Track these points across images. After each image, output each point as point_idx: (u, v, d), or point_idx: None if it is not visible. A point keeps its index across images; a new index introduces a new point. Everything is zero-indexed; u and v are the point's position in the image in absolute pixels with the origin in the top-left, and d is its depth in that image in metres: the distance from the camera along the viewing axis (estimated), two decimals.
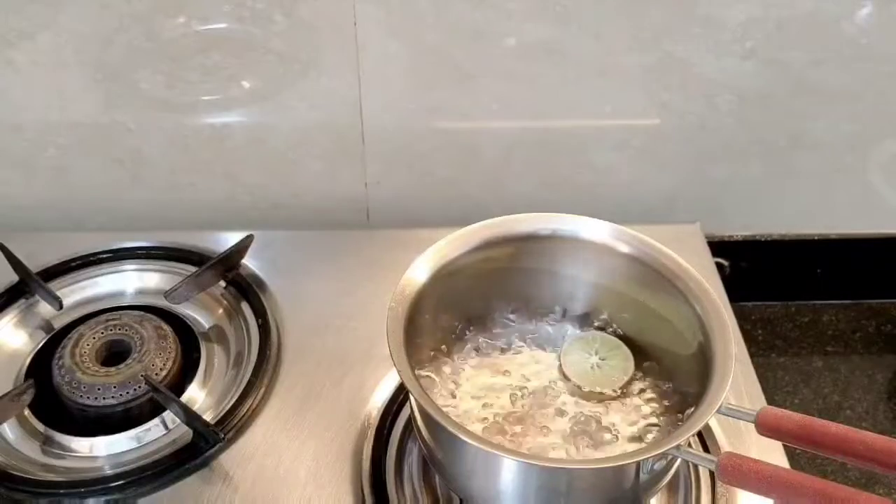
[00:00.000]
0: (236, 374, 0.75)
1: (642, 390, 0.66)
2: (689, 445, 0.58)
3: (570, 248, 0.69)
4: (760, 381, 0.75)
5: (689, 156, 0.93)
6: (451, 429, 0.54)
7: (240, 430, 0.70)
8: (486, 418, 0.64)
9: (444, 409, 0.62)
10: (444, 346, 0.68)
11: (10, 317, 0.80)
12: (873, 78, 0.87)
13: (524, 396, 0.65)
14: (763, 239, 0.98)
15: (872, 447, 0.52)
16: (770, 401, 0.74)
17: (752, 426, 0.56)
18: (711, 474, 0.66)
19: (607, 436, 0.63)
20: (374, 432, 0.69)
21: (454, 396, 0.65)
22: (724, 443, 0.69)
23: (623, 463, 0.56)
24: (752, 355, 0.78)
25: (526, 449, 0.61)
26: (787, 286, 1.00)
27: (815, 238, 0.98)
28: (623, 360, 0.67)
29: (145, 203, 0.94)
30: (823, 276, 1.00)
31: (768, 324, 0.98)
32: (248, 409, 0.71)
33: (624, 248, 0.67)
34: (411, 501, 0.65)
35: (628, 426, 0.64)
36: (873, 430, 0.54)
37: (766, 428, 0.55)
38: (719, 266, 0.92)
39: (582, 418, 0.64)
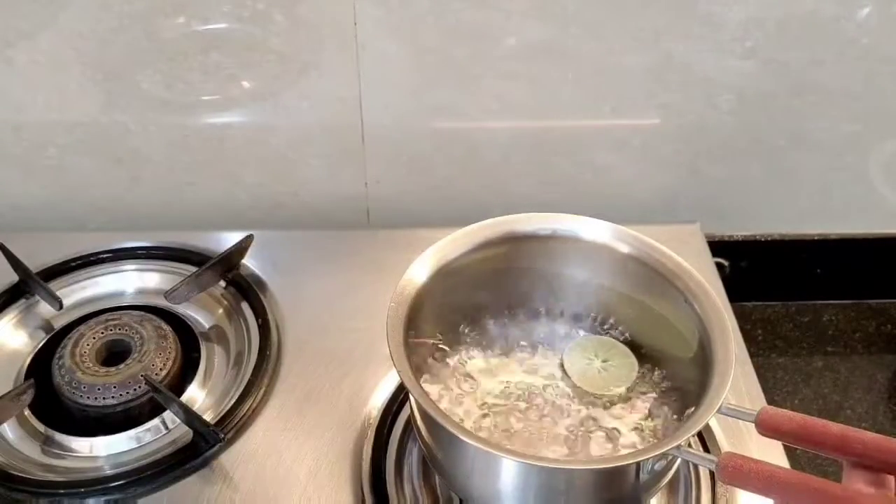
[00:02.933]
0: (236, 374, 0.75)
1: (642, 391, 0.66)
2: (689, 445, 0.58)
3: (570, 248, 0.69)
4: (760, 381, 0.75)
5: (689, 156, 0.93)
6: (450, 429, 0.54)
7: (240, 430, 0.70)
8: (486, 415, 0.64)
9: (444, 409, 0.63)
10: (444, 346, 0.68)
11: (10, 317, 0.80)
12: (873, 78, 0.87)
13: (524, 396, 0.65)
14: (763, 239, 0.98)
15: (873, 447, 0.52)
16: (770, 401, 0.74)
17: (751, 426, 0.56)
18: (711, 474, 0.66)
19: (607, 435, 0.63)
20: (373, 432, 0.69)
21: (454, 396, 0.65)
22: (724, 442, 0.69)
23: (623, 463, 0.56)
24: (752, 355, 0.77)
25: (526, 448, 0.61)
26: (787, 286, 1.00)
27: (815, 238, 0.98)
28: (625, 358, 0.68)
29: (145, 203, 0.94)
30: (823, 276, 1.00)
31: (768, 324, 0.98)
32: (248, 409, 0.71)
33: (624, 248, 0.67)
34: (411, 501, 0.65)
35: (628, 425, 0.64)
36: (873, 430, 0.54)
37: (767, 428, 0.55)
38: (719, 266, 0.92)
39: (582, 417, 0.64)
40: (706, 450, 0.68)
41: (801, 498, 0.50)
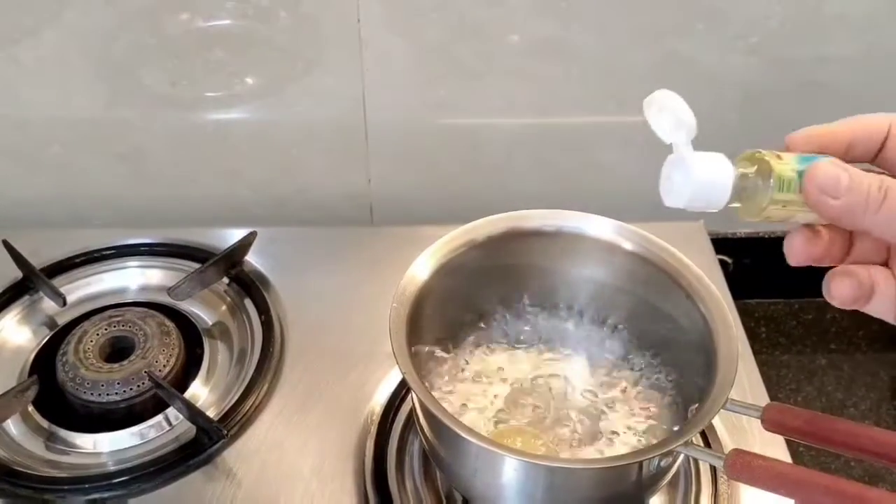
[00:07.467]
0: (239, 370, 0.75)
1: (646, 387, 0.66)
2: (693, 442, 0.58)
3: (573, 245, 0.68)
4: (764, 379, 0.75)
5: None
6: (455, 428, 0.54)
7: (243, 427, 0.70)
8: (488, 416, 0.63)
9: (447, 407, 0.62)
10: (447, 344, 0.68)
11: (14, 313, 0.80)
12: (877, 75, 0.87)
13: (527, 393, 0.65)
14: (767, 236, 0.98)
15: (880, 442, 0.51)
16: (773, 398, 0.74)
17: (754, 424, 0.56)
18: (713, 472, 0.66)
19: (612, 431, 0.63)
20: (376, 428, 0.69)
21: (457, 393, 0.65)
22: (727, 439, 0.69)
23: (630, 462, 0.56)
24: (755, 353, 0.77)
25: (529, 446, 0.61)
26: (791, 283, 1.00)
27: None
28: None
29: (149, 199, 0.94)
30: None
31: (772, 321, 0.98)
32: (251, 406, 0.71)
33: (627, 246, 0.67)
34: (413, 497, 0.65)
35: (632, 421, 0.63)
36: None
37: (773, 424, 0.55)
38: (723, 263, 0.91)
39: (586, 413, 0.64)
40: (708, 447, 0.68)
41: (812, 495, 0.50)
